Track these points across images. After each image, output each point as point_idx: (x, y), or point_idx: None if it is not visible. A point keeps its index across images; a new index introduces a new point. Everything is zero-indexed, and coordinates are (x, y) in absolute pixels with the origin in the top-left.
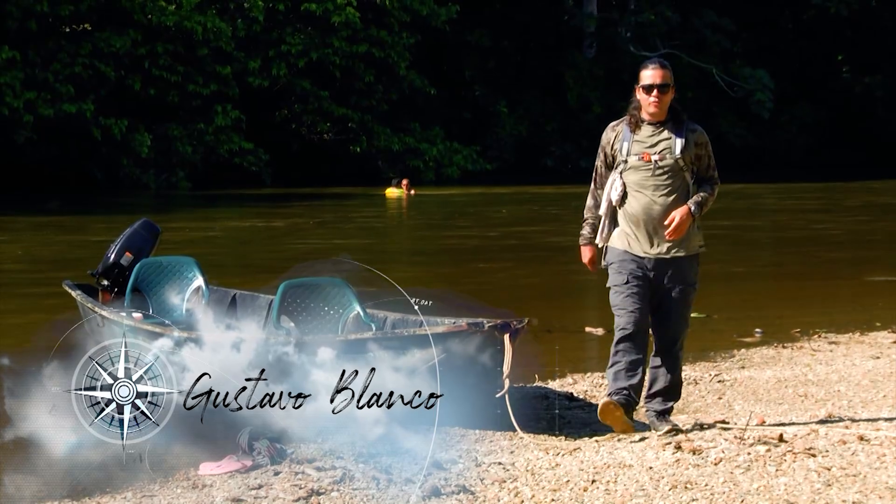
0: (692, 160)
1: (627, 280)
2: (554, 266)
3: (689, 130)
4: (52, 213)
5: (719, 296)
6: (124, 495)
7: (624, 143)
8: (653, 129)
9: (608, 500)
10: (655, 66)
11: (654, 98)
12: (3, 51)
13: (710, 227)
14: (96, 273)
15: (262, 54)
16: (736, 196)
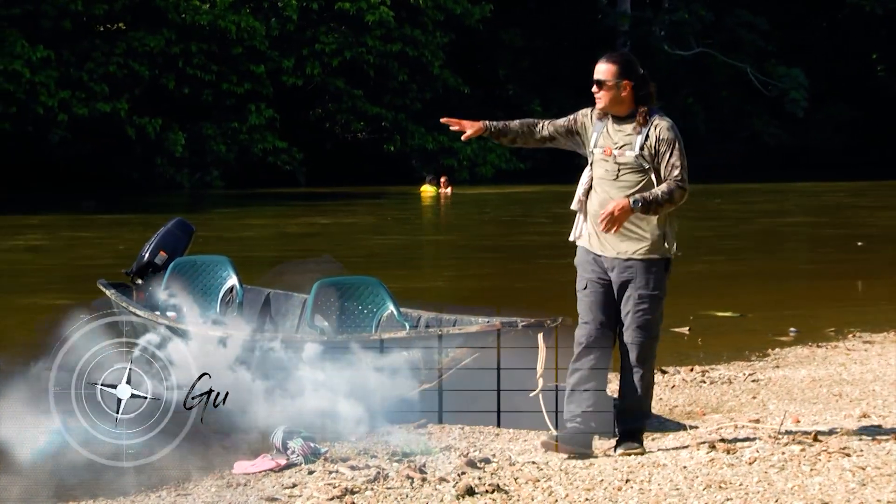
0: (652, 156)
1: (586, 285)
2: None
3: (654, 126)
4: (87, 212)
5: (753, 295)
6: (159, 494)
7: (594, 133)
8: (618, 123)
9: (642, 500)
10: (603, 60)
11: (595, 90)
12: (38, 50)
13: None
14: (131, 272)
15: (296, 53)
16: (770, 195)
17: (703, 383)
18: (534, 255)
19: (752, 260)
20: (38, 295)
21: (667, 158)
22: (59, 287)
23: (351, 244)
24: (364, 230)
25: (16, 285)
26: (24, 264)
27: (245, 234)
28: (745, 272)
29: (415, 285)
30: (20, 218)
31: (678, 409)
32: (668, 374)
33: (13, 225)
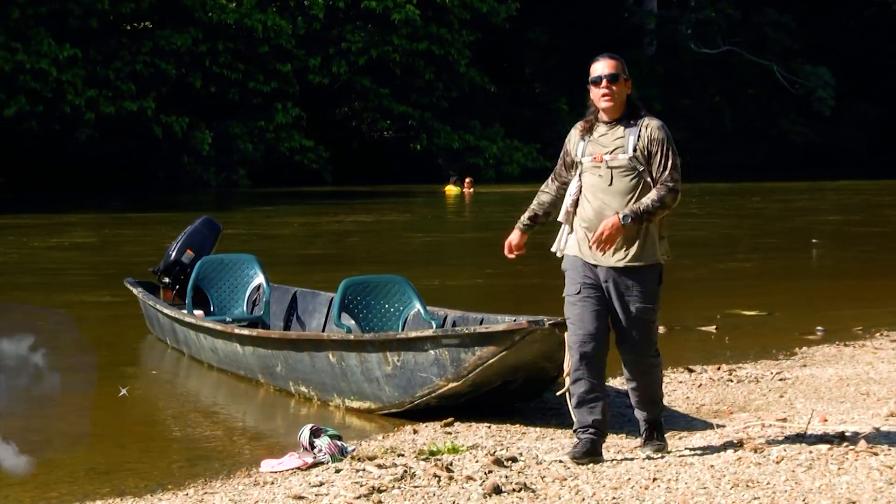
0: (645, 157)
1: (580, 290)
2: None
3: (645, 126)
4: (114, 210)
5: (781, 293)
6: (186, 492)
7: (580, 143)
8: (606, 127)
9: (669, 499)
10: (604, 57)
11: (604, 89)
12: (65, 49)
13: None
14: (157, 271)
15: (323, 52)
16: (797, 194)
17: (730, 382)
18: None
19: (779, 258)
20: (69, 292)
21: (658, 159)
22: (88, 284)
23: (377, 243)
24: (390, 229)
25: (47, 283)
26: (52, 262)
27: (272, 233)
28: (773, 271)
29: (441, 283)
30: (47, 216)
31: (705, 407)
32: (695, 372)
33: (39, 224)
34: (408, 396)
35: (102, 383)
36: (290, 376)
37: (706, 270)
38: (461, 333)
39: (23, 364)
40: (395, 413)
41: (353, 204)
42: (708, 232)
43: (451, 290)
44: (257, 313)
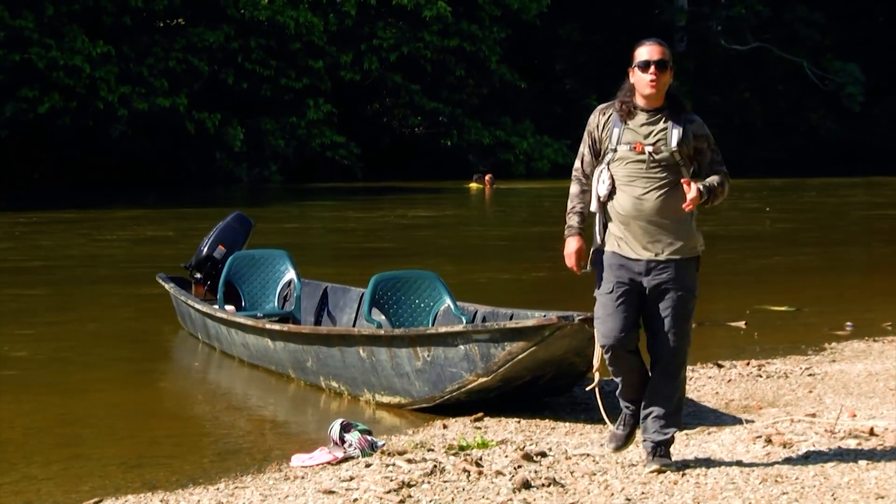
0: (690, 154)
1: (613, 289)
2: None
3: (688, 121)
4: (147, 206)
5: (810, 289)
6: (217, 486)
7: (614, 129)
8: (647, 116)
9: (698, 493)
10: (652, 43)
11: (650, 76)
12: (99, 45)
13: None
14: (189, 266)
15: (354, 48)
16: (827, 189)
17: (759, 377)
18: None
19: (807, 254)
20: (101, 286)
21: (710, 155)
22: (120, 278)
23: (407, 238)
24: (420, 224)
25: (79, 277)
26: (84, 256)
27: (303, 228)
28: (801, 266)
29: (471, 279)
30: (80, 212)
31: (734, 403)
32: (725, 368)
33: (71, 219)
34: (438, 391)
35: (134, 378)
36: (321, 371)
37: (736, 266)
38: (491, 329)
39: (56, 359)
40: (425, 408)
41: (384, 200)
42: (737, 227)
43: (480, 285)
44: (288, 308)
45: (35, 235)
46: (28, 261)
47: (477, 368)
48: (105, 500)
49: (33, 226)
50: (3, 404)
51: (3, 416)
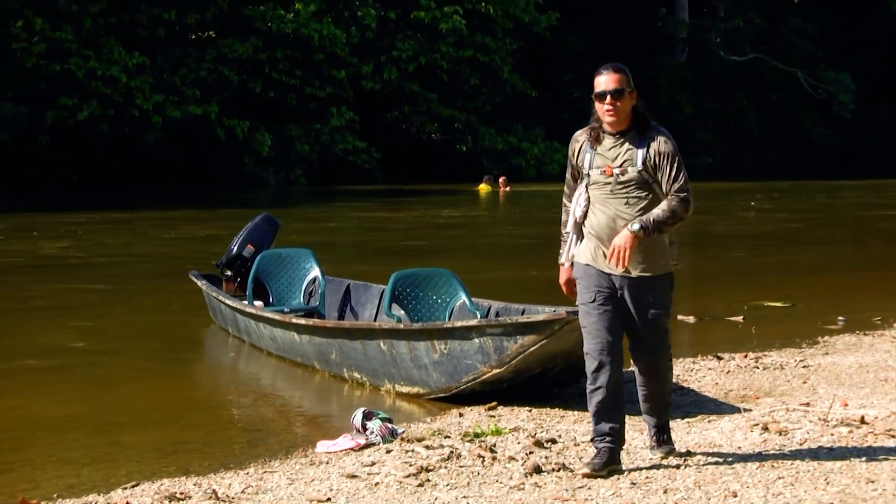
0: (655, 171)
1: (595, 298)
2: None
3: (652, 139)
4: (180, 208)
5: (804, 286)
6: (247, 471)
7: (586, 155)
8: (613, 139)
9: (699, 478)
10: (609, 71)
11: (608, 106)
12: (134, 56)
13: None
14: (220, 264)
15: (375, 59)
16: (819, 192)
17: (756, 369)
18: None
19: (802, 252)
20: (137, 283)
21: (667, 172)
22: (154, 275)
23: (425, 237)
24: (438, 224)
25: (117, 274)
26: (121, 255)
27: (327, 228)
28: (796, 264)
29: (485, 276)
30: (117, 213)
31: (733, 393)
32: (724, 360)
33: (109, 220)
34: (454, 382)
35: (168, 369)
36: (344, 363)
37: (734, 264)
38: (504, 323)
39: (95, 350)
40: (442, 398)
41: (403, 202)
42: (736, 227)
43: (494, 281)
44: (313, 304)
45: (86, 234)
46: (72, 258)
47: (491, 360)
48: (142, 484)
49: (76, 226)
50: (47, 394)
51: (46, 404)
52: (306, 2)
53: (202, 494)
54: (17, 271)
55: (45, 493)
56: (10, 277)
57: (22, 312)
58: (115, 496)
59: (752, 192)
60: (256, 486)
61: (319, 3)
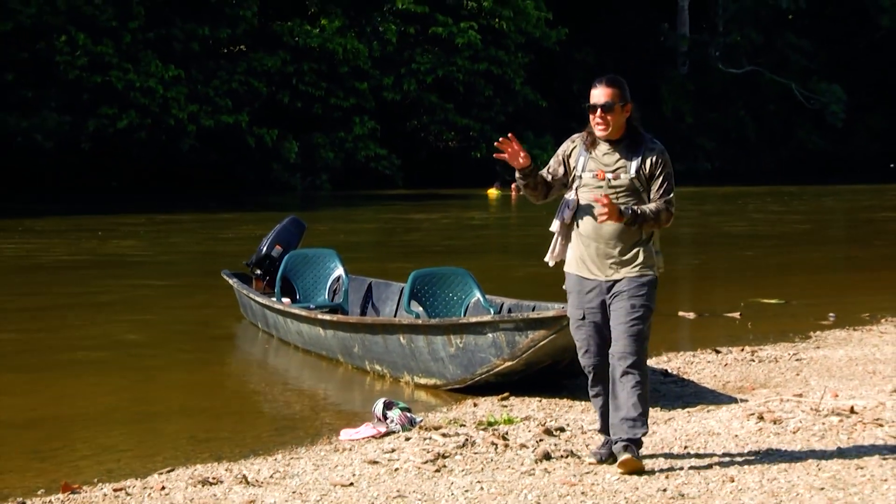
0: (646, 179)
1: (584, 315)
2: None
3: (648, 149)
4: (212, 210)
5: (797, 284)
6: (275, 457)
7: (580, 157)
8: (609, 147)
9: (699, 464)
10: (602, 84)
11: (598, 119)
12: (170, 69)
13: (791, 223)
14: (250, 263)
15: (395, 72)
16: (813, 196)
17: (752, 362)
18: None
19: (795, 253)
20: (173, 281)
21: (658, 182)
22: (189, 274)
23: (442, 238)
24: (454, 226)
25: (156, 272)
26: (159, 254)
27: (350, 230)
28: (790, 264)
29: (498, 274)
30: (155, 216)
31: (730, 384)
32: (722, 353)
33: (148, 222)
34: (469, 374)
35: (201, 362)
36: (366, 356)
37: (731, 263)
38: (516, 319)
39: (134, 343)
40: (458, 388)
41: (422, 205)
42: (733, 229)
43: (507, 280)
44: (337, 301)
45: (142, 234)
46: (136, 256)
47: (503, 354)
48: (176, 470)
49: (112, 228)
50: (90, 385)
51: (87, 394)
52: (331, 18)
53: (233, 479)
54: (81, 268)
55: (86, 479)
56: (76, 273)
57: (78, 307)
58: (152, 481)
59: (757, 196)
60: (284, 471)
61: (343, 19)
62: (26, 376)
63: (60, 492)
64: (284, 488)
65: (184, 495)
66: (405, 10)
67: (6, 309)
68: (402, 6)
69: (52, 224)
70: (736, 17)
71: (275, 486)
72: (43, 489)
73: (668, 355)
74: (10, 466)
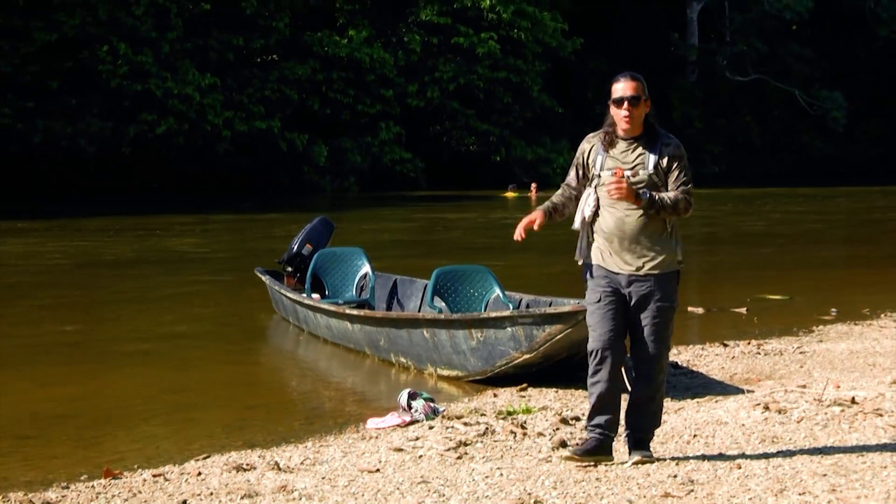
0: (664, 174)
1: (600, 298)
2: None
3: (664, 144)
4: (246, 211)
5: (801, 281)
6: (305, 444)
7: (598, 157)
8: (626, 144)
9: (707, 451)
10: (626, 79)
11: (625, 112)
12: (206, 77)
13: (795, 224)
14: (282, 261)
15: (419, 80)
16: (816, 198)
17: (758, 354)
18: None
19: (799, 251)
20: (209, 277)
21: (676, 174)
22: (224, 271)
23: (464, 236)
24: (475, 226)
25: (193, 269)
26: (196, 252)
27: (377, 229)
28: (795, 262)
29: (517, 272)
30: (192, 216)
31: (737, 376)
32: (729, 346)
33: (186, 222)
34: (489, 366)
35: (235, 354)
36: (392, 349)
37: (738, 261)
38: (534, 314)
39: (173, 335)
40: (479, 380)
41: (444, 206)
42: (739, 229)
43: (525, 277)
44: (364, 297)
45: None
46: (195, 253)
47: (522, 347)
48: (212, 456)
49: (167, 227)
50: (131, 376)
51: (128, 385)
52: (359, 29)
53: (265, 465)
54: (142, 264)
55: (127, 465)
56: (136, 269)
57: (133, 301)
58: (189, 467)
59: (763, 198)
60: (314, 458)
61: (370, 30)
62: (74, 368)
63: (103, 477)
64: (314, 474)
65: (219, 480)
66: (429, 22)
67: (67, 304)
68: (426, 18)
69: (108, 223)
70: (742, 28)
71: (305, 472)
72: (86, 475)
73: (678, 348)
74: (55, 453)
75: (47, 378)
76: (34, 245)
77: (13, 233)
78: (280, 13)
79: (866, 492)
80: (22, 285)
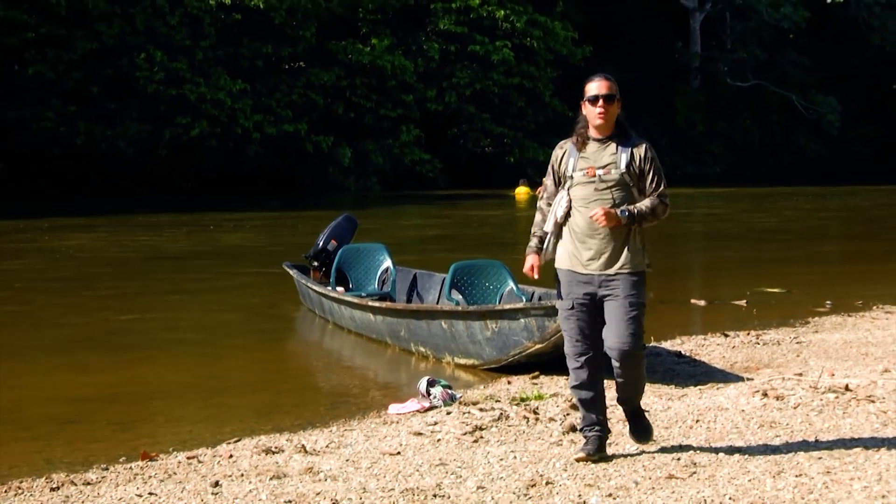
0: (637, 174)
1: (573, 305)
2: (663, 248)
3: (635, 145)
4: (274, 209)
5: (798, 274)
6: (330, 429)
7: (570, 158)
8: (598, 144)
9: (709, 436)
10: (600, 78)
11: (599, 108)
12: (237, 83)
13: (792, 221)
14: (309, 256)
15: (438, 85)
16: (811, 197)
17: (757, 344)
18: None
19: (796, 247)
20: (241, 271)
21: (650, 176)
22: (254, 265)
23: (480, 232)
24: (490, 222)
25: (225, 263)
26: (227, 247)
27: (397, 226)
28: (792, 257)
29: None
30: (225, 214)
31: (737, 364)
32: (729, 337)
33: (219, 219)
34: (503, 355)
35: (264, 343)
36: (412, 339)
37: (738, 256)
38: (546, 306)
39: (206, 325)
40: (494, 368)
41: (461, 204)
42: (739, 225)
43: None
44: (386, 290)
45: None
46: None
47: (534, 337)
48: (242, 440)
49: (219, 224)
50: (166, 364)
51: (165, 372)
52: (381, 37)
53: (293, 448)
54: (195, 258)
55: (162, 448)
56: (189, 263)
57: (178, 292)
58: (221, 449)
59: (761, 196)
60: (338, 441)
61: (392, 39)
62: (115, 355)
63: (140, 459)
64: (339, 457)
65: (249, 462)
66: (446, 31)
67: (120, 295)
68: (444, 27)
69: (152, 221)
70: (742, 36)
71: (330, 455)
72: (124, 457)
73: (681, 338)
74: (96, 436)
75: (91, 365)
76: (95, 240)
77: (75, 228)
78: (307, 23)
79: (859, 473)
80: (84, 276)
